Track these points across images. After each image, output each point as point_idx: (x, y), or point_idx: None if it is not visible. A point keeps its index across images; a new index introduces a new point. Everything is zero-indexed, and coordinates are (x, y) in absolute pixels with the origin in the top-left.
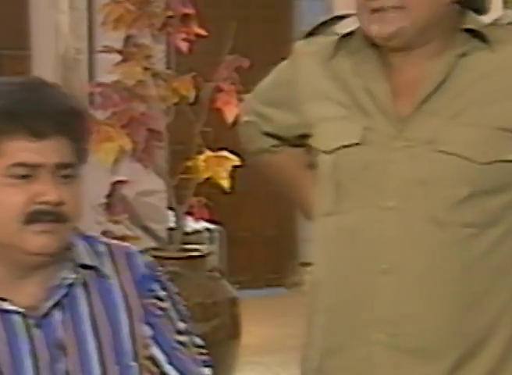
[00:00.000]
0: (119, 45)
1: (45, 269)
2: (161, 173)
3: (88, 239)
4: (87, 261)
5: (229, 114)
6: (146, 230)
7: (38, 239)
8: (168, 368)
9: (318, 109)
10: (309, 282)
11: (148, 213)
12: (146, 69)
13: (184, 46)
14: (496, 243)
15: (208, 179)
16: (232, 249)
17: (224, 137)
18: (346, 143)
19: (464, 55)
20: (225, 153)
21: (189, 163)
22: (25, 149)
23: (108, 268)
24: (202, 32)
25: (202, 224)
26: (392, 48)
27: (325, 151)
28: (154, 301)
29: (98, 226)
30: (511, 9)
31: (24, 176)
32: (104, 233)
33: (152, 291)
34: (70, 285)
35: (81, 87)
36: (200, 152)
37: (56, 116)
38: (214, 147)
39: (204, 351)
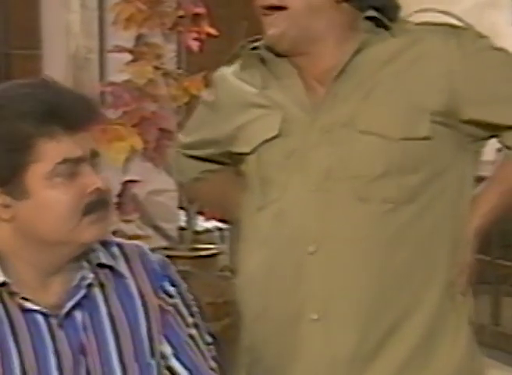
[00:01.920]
0: (129, 45)
1: (67, 269)
2: (172, 173)
3: (101, 241)
4: (104, 260)
5: None
6: (157, 229)
7: (93, 229)
8: (174, 362)
9: (238, 119)
10: (239, 276)
11: (159, 212)
12: (157, 68)
13: (195, 45)
14: (414, 218)
15: None
16: None
17: None
18: (266, 137)
19: (365, 42)
20: None
21: None
22: (65, 145)
23: (123, 268)
24: (213, 31)
25: (213, 223)
26: (284, 52)
27: (248, 153)
28: (164, 296)
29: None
30: None
31: (70, 172)
32: (115, 232)
33: (162, 287)
34: (89, 285)
35: (92, 87)
36: None
37: (84, 107)
38: None
39: (212, 347)
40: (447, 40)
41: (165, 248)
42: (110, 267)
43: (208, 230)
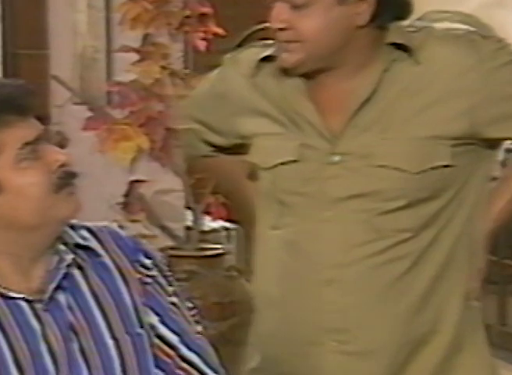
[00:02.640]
0: (136, 44)
1: (46, 254)
2: (178, 172)
3: (69, 225)
4: (80, 241)
5: None
6: (163, 228)
7: (69, 204)
8: (162, 329)
9: (252, 124)
10: (253, 289)
11: (166, 212)
12: (163, 68)
13: (202, 45)
14: (433, 240)
15: None
16: (249, 248)
17: None
18: (283, 160)
19: (387, 69)
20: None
21: None
22: (21, 130)
23: (98, 248)
24: (220, 31)
25: (220, 223)
26: (303, 74)
27: (263, 168)
28: (142, 270)
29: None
30: None
31: (33, 155)
32: None
33: (138, 261)
34: (68, 266)
35: (99, 86)
36: None
37: (27, 93)
38: None
39: (195, 312)
40: (467, 57)
41: (172, 248)
42: (85, 247)
43: (214, 230)
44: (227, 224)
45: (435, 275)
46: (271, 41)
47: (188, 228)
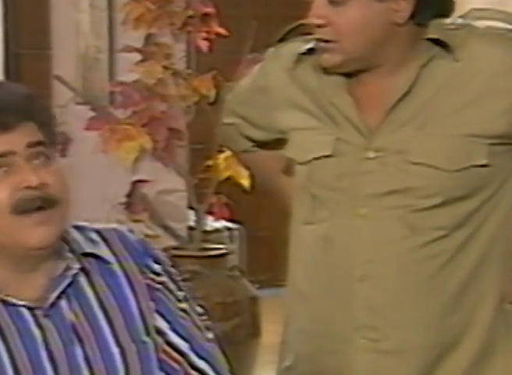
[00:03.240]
0: (139, 44)
1: (49, 261)
2: (181, 172)
3: (79, 228)
4: (87, 249)
5: None
6: (166, 229)
7: (37, 232)
8: (171, 335)
9: (290, 119)
10: (288, 285)
11: (169, 212)
12: (166, 68)
13: (204, 45)
14: (467, 241)
15: (228, 178)
16: (252, 248)
17: None
18: (318, 155)
19: (426, 64)
20: None
21: (209, 162)
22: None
23: (105, 253)
24: (222, 31)
25: (222, 223)
26: (345, 73)
27: (298, 163)
28: (152, 276)
29: (119, 225)
30: None
31: (4, 168)
32: None
33: (148, 266)
34: (74, 274)
35: (101, 86)
36: (220, 151)
37: (18, 105)
38: None
39: (205, 317)
40: (509, 56)
41: (175, 248)
42: (93, 255)
43: (217, 230)
44: (230, 224)
45: (468, 275)
46: (312, 36)
47: (191, 228)
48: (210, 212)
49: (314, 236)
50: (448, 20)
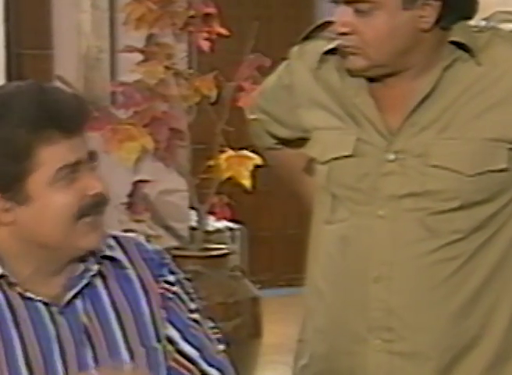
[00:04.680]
0: (140, 44)
1: (72, 263)
2: (183, 172)
3: None
4: (108, 252)
5: None
6: (168, 229)
7: (91, 236)
8: (182, 344)
9: (313, 117)
10: (306, 284)
11: (170, 212)
12: (168, 68)
13: (206, 45)
14: (484, 244)
15: (229, 178)
16: (253, 248)
17: (245, 136)
18: (339, 155)
19: (448, 67)
20: (246, 152)
21: (211, 162)
22: (64, 150)
23: (121, 258)
24: (224, 31)
25: (224, 223)
26: (371, 77)
27: (320, 162)
28: (166, 285)
29: (120, 225)
30: None
31: (70, 177)
32: (126, 232)
33: (162, 276)
34: (92, 276)
35: (103, 87)
36: (221, 151)
37: (78, 109)
38: (235, 146)
39: (216, 330)
40: None
41: (176, 248)
42: (110, 258)
43: (218, 230)
44: (231, 224)
45: (485, 278)
46: (336, 36)
47: (192, 228)
48: (211, 213)
49: (333, 236)
50: (472, 22)
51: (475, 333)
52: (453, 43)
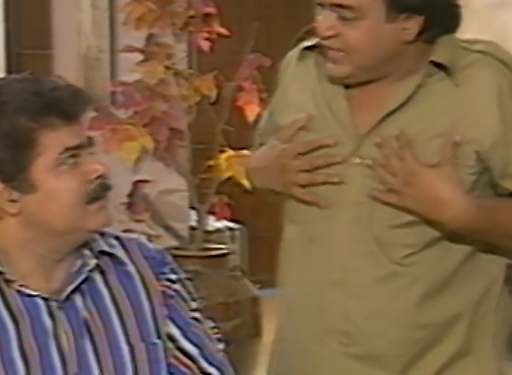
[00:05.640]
0: (140, 44)
1: (70, 257)
2: (183, 172)
3: (100, 232)
4: (105, 248)
5: (251, 113)
6: (168, 229)
7: (99, 216)
8: (183, 342)
9: (287, 118)
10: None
11: (170, 212)
12: (168, 68)
13: (206, 45)
14: (435, 260)
15: (229, 178)
16: (253, 248)
17: (245, 136)
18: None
19: (422, 85)
20: (246, 152)
21: (211, 162)
22: (65, 135)
23: (122, 256)
24: (224, 31)
25: (224, 223)
26: (350, 84)
27: None
28: (167, 283)
29: (120, 225)
30: None
31: (72, 161)
32: (126, 231)
33: (164, 273)
34: (90, 271)
35: (103, 86)
36: (221, 151)
37: (77, 97)
38: (235, 146)
39: (216, 330)
40: (499, 98)
41: (176, 248)
42: (110, 255)
43: (218, 230)
44: (231, 224)
45: (436, 291)
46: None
47: (192, 228)
48: (211, 212)
49: (297, 235)
50: (460, 37)
51: (433, 340)
52: (432, 62)
